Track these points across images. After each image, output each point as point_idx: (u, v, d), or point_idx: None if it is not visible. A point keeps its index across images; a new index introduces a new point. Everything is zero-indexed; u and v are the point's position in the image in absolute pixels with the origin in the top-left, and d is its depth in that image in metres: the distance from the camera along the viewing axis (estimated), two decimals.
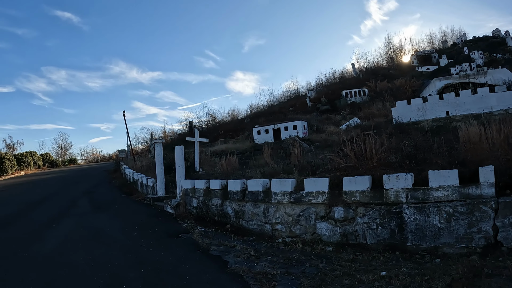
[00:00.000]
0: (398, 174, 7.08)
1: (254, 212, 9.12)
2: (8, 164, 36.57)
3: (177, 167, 12.73)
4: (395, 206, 7.01)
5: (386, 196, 7.11)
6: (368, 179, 7.40)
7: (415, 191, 6.83)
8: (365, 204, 7.42)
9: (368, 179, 7.42)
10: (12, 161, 38.09)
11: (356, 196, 7.46)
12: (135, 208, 13.91)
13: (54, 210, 13.94)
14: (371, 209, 7.32)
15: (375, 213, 7.27)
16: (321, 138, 24.73)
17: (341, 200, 7.66)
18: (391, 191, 7.07)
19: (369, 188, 7.37)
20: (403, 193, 6.95)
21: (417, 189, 6.84)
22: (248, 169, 14.80)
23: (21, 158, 42.74)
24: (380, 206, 7.20)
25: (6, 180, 32.19)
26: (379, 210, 7.19)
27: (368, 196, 7.36)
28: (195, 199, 11.51)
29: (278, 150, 21.26)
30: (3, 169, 35.75)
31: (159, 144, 15.11)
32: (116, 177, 26.61)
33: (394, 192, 7.02)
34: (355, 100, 43.56)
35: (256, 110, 60.50)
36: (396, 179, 7.03)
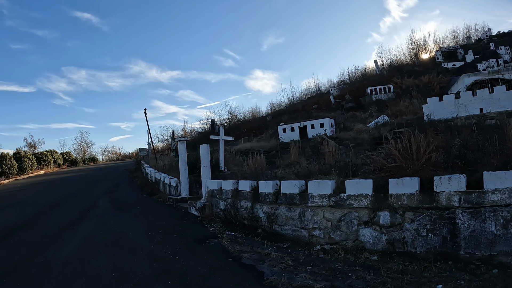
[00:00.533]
0: (451, 175, 6.37)
1: (288, 216, 8.48)
2: (27, 163, 36.65)
3: (202, 166, 12.17)
4: (447, 211, 6.32)
5: (437, 200, 6.42)
6: (417, 181, 6.72)
7: (468, 195, 6.13)
8: (413, 208, 6.73)
9: (417, 181, 6.71)
10: (31, 159, 38.19)
11: (404, 200, 6.78)
12: (158, 209, 13.42)
13: (74, 211, 13.58)
14: (421, 214, 6.64)
15: (425, 219, 6.58)
16: (349, 136, 23.96)
17: (387, 204, 6.98)
18: (442, 194, 6.36)
19: (418, 191, 6.69)
20: (455, 196, 6.24)
21: (471, 192, 6.13)
22: (277, 169, 14.18)
23: (41, 157, 42.91)
24: (430, 211, 6.51)
25: (26, 179, 32.23)
26: (430, 216, 6.50)
27: (417, 199, 6.67)
28: (222, 201, 10.93)
29: (305, 148, 20.59)
30: (22, 168, 35.84)
31: (183, 143, 14.58)
32: (137, 177, 26.27)
33: (446, 196, 6.32)
34: (380, 97, 42.62)
35: (277, 108, 59.87)
36: (448, 181, 6.33)
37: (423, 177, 6.95)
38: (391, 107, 36.40)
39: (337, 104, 46.60)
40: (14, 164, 34.09)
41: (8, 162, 33.03)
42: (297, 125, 29.26)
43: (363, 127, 27.85)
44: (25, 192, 21.33)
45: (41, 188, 22.76)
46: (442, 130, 14.21)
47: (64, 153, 55.10)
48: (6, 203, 17.04)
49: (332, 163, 10.23)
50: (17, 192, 21.74)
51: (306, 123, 29.01)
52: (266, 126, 42.77)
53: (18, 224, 11.78)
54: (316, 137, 23.02)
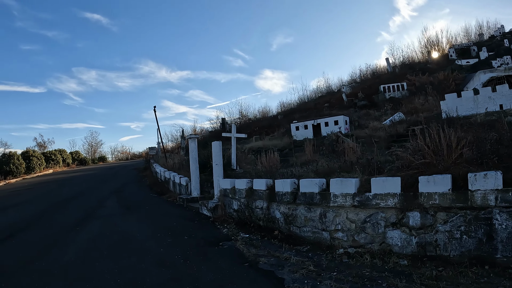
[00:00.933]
0: (486, 172, 5.82)
1: (308, 217, 7.93)
2: (36, 162, 36.46)
3: (214, 165, 11.65)
4: (483, 210, 5.77)
5: (472, 199, 5.87)
6: (449, 179, 6.16)
7: (505, 193, 5.58)
8: (446, 208, 6.18)
9: (450, 178, 6.15)
10: (40, 159, 38.00)
11: (435, 199, 6.23)
12: (167, 209, 12.94)
13: (80, 210, 13.20)
14: (454, 215, 6.08)
15: (459, 220, 6.02)
16: (365, 133, 23.31)
17: (417, 204, 6.43)
18: (477, 192, 5.81)
19: (450, 190, 6.12)
20: (491, 195, 5.69)
21: (508, 191, 5.58)
22: (291, 167, 13.66)
23: (49, 156, 42.77)
24: (465, 211, 5.96)
25: (34, 178, 32.02)
26: (464, 216, 5.95)
27: (449, 198, 6.11)
28: (235, 200, 10.42)
29: (320, 146, 20.01)
30: (31, 167, 35.64)
31: (194, 140, 14.07)
32: (147, 176, 25.87)
33: (481, 194, 5.77)
34: (393, 95, 41.90)
35: (288, 107, 59.30)
36: (484, 179, 5.77)
37: (455, 174, 6.39)
38: (405, 105, 35.66)
39: (349, 102, 45.91)
40: (22, 163, 33.88)
41: (16, 161, 32.82)
42: (311, 123, 28.64)
43: (378, 124, 27.22)
44: (32, 191, 21.01)
45: (48, 188, 22.43)
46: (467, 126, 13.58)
47: (73, 152, 55.02)
48: (11, 203, 16.69)
49: (353, 160, 9.65)
50: (24, 191, 21.44)
51: (319, 120, 28.39)
52: (278, 124, 42.27)
53: (22, 224, 11.42)
54: (331, 134, 22.43)
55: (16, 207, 15.43)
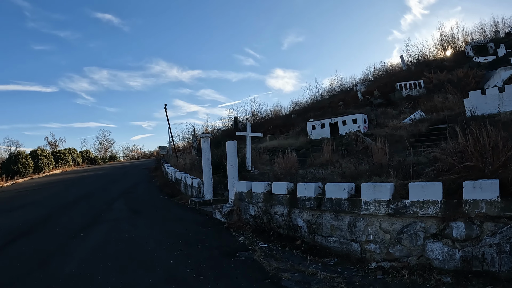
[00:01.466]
0: None
1: (335, 226, 7.22)
2: (44, 161, 36.13)
3: (228, 166, 10.97)
4: None
5: None
6: (497, 184, 5.43)
7: None
8: (494, 218, 5.48)
9: (498, 184, 5.44)
10: (49, 158, 37.67)
11: (482, 207, 5.53)
12: (179, 213, 12.30)
13: (86, 214, 12.65)
14: (504, 225, 5.38)
15: (509, 231, 5.31)
16: (385, 132, 22.44)
17: (461, 213, 5.71)
18: None
19: (498, 197, 5.39)
20: None
21: None
22: (309, 168, 12.97)
23: (59, 155, 42.51)
24: None
25: (42, 178, 31.67)
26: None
27: (497, 207, 5.42)
28: (252, 205, 9.74)
29: (338, 146, 19.25)
30: (39, 166, 35.33)
31: (206, 139, 13.40)
32: (157, 176, 25.28)
33: None
34: (410, 93, 40.90)
35: (300, 106, 58.43)
36: None
37: (503, 179, 5.65)
38: (424, 103, 34.74)
39: (365, 101, 45.03)
40: (30, 163, 33.55)
41: (23, 160, 32.48)
42: (328, 121, 27.80)
43: (398, 123, 26.39)
44: (38, 192, 20.54)
45: (55, 188, 21.97)
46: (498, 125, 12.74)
47: (84, 151, 54.82)
48: (16, 205, 16.21)
49: (383, 162, 8.90)
50: (30, 192, 21.00)
51: (337, 119, 27.52)
52: (292, 123, 41.50)
53: (24, 228, 10.85)
54: (350, 133, 21.67)
55: (21, 209, 14.93)
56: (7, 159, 33.76)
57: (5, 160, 34.25)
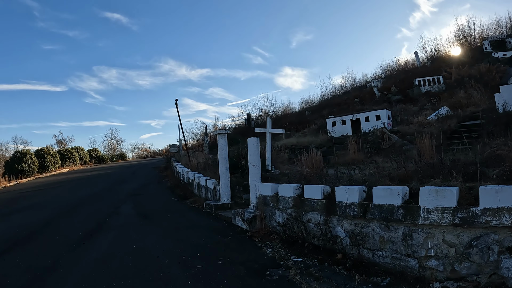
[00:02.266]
0: None
1: (385, 238, 6.02)
2: (50, 160, 35.31)
3: (250, 166, 9.80)
4: None
5: None
6: None
7: None
8: None
9: None
10: (55, 157, 36.80)
11: None
12: (193, 219, 11.13)
13: (91, 219, 11.56)
14: None
15: None
16: (412, 129, 21.19)
17: None
18: None
19: None
20: None
21: None
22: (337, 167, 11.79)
23: (66, 154, 41.73)
24: None
25: (47, 177, 30.81)
26: None
27: None
28: (279, 211, 8.56)
29: (363, 144, 18.03)
30: (45, 165, 34.52)
31: (223, 136, 12.24)
32: (167, 176, 24.20)
33: None
34: (429, 89, 39.71)
35: (310, 103, 57.33)
36: None
37: None
38: (445, 99, 33.46)
39: (382, 97, 43.86)
40: (35, 162, 32.69)
41: (28, 159, 31.61)
42: (349, 118, 26.49)
43: (423, 119, 25.13)
44: (41, 193, 19.55)
45: (59, 189, 20.99)
46: None
47: (91, 150, 54.11)
48: (17, 207, 15.22)
49: (434, 161, 7.67)
50: (33, 193, 20.01)
51: (359, 115, 26.22)
52: (307, 120, 40.46)
53: (21, 236, 9.81)
54: (375, 130, 20.38)
55: (20, 212, 13.92)
56: (11, 158, 32.89)
57: (9, 159, 33.35)
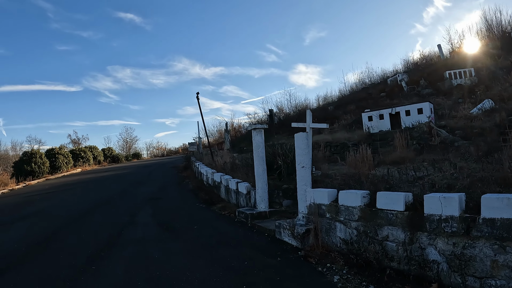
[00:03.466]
0: None
1: (500, 262, 4.36)
2: (62, 160, 34.10)
3: (298, 167, 8.11)
4: None
5: None
6: None
7: None
8: None
9: None
10: (67, 157, 35.57)
11: None
12: (226, 231, 9.40)
13: (102, 231, 9.97)
14: None
15: None
16: (460, 124, 19.41)
17: None
18: None
19: None
20: None
21: None
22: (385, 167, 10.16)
23: (78, 154, 40.63)
24: None
25: (59, 178, 29.51)
26: None
27: None
28: (340, 224, 6.89)
29: (409, 140, 16.32)
30: (56, 166, 33.33)
31: (259, 132, 10.58)
32: (188, 177, 22.59)
33: None
34: (461, 82, 38.17)
35: (328, 100, 55.93)
36: None
37: None
38: (482, 92, 31.62)
39: (411, 90, 42.19)
40: (46, 162, 31.42)
41: (38, 160, 30.33)
42: (388, 112, 24.63)
43: (467, 113, 23.31)
44: (50, 197, 18.11)
45: (70, 192, 19.54)
46: None
47: (106, 149, 53.07)
48: (21, 214, 13.74)
49: None
50: (41, 196, 18.57)
51: (399, 108, 24.33)
52: (331, 116, 38.93)
53: (18, 254, 8.22)
54: (421, 125, 18.68)
55: (24, 220, 12.43)
56: (20, 159, 31.62)
57: (18, 159, 32.15)
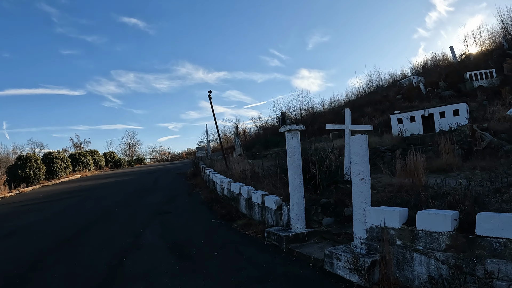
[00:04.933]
0: None
1: None
2: (60, 165, 32.54)
3: (356, 179, 6.32)
4: None
5: None
6: None
7: None
8: None
9: None
10: (66, 161, 34.00)
11: None
12: (258, 260, 7.53)
13: (98, 259, 8.23)
14: None
15: None
16: (503, 126, 17.71)
17: None
18: None
19: None
20: None
21: None
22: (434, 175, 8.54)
23: (78, 158, 39.12)
24: None
25: (56, 185, 28.00)
26: None
27: None
28: (420, 255, 5.19)
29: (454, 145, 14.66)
30: (54, 171, 31.79)
31: (295, 134, 8.76)
32: (197, 185, 20.83)
33: None
34: (482, 84, 37.34)
35: (334, 104, 55.36)
36: None
37: None
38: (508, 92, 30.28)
39: (430, 92, 40.83)
40: (42, 167, 29.80)
41: (33, 165, 28.68)
42: (419, 114, 22.91)
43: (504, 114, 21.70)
44: (42, 208, 16.42)
45: (66, 201, 17.84)
46: None
47: (107, 153, 51.56)
48: (4, 231, 12.04)
49: None
50: (33, 207, 16.93)
51: (432, 110, 22.61)
52: (356, 118, 37.90)
53: None
54: (463, 127, 16.96)
55: (6, 240, 10.79)
56: (14, 163, 29.99)
57: (12, 164, 30.54)
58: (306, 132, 34.81)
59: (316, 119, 43.40)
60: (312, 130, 37.21)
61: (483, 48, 55.07)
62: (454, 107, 22.02)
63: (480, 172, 10.83)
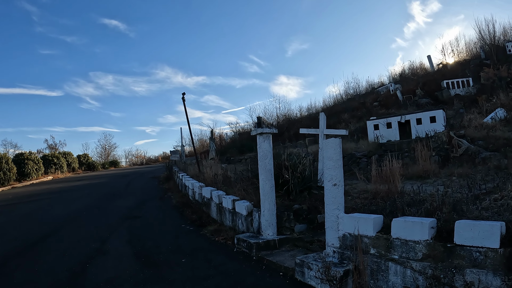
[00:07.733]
0: None
1: None
2: (31, 166, 31.55)
3: (328, 184, 6.00)
4: None
5: None
6: None
7: None
8: None
9: None
10: (37, 163, 33.04)
11: None
12: (226, 268, 7.16)
13: (61, 264, 7.74)
14: None
15: None
16: (480, 134, 17.67)
17: None
18: None
19: None
20: None
21: None
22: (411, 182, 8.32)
23: (51, 160, 38.06)
24: None
25: (27, 187, 27.18)
26: None
27: None
28: (396, 264, 4.92)
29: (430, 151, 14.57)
30: (25, 172, 30.81)
31: (267, 138, 8.41)
32: (170, 189, 20.35)
33: None
34: (459, 92, 37.82)
35: (312, 110, 55.50)
36: None
37: None
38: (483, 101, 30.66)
39: (407, 100, 41.17)
40: (13, 168, 28.82)
41: (4, 165, 27.74)
42: (396, 120, 22.90)
43: (480, 122, 21.83)
44: (8, 211, 15.66)
45: (34, 204, 17.11)
46: None
47: (81, 155, 50.41)
48: None
49: None
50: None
51: (409, 116, 22.64)
52: (335, 123, 37.96)
53: None
54: (439, 134, 16.88)
55: None
56: None
57: None
58: (282, 137, 34.87)
59: (293, 125, 43.32)
60: (288, 135, 37.19)
61: (460, 57, 55.97)
62: (431, 114, 22.13)
63: (458, 179, 10.76)
